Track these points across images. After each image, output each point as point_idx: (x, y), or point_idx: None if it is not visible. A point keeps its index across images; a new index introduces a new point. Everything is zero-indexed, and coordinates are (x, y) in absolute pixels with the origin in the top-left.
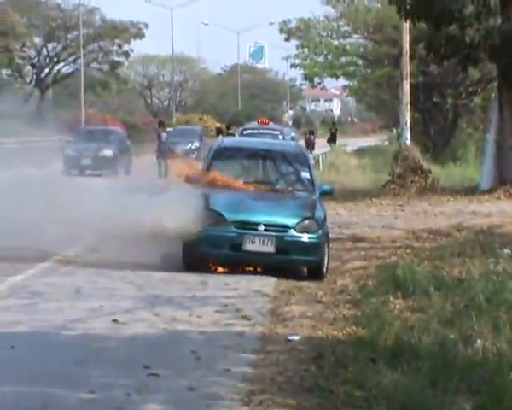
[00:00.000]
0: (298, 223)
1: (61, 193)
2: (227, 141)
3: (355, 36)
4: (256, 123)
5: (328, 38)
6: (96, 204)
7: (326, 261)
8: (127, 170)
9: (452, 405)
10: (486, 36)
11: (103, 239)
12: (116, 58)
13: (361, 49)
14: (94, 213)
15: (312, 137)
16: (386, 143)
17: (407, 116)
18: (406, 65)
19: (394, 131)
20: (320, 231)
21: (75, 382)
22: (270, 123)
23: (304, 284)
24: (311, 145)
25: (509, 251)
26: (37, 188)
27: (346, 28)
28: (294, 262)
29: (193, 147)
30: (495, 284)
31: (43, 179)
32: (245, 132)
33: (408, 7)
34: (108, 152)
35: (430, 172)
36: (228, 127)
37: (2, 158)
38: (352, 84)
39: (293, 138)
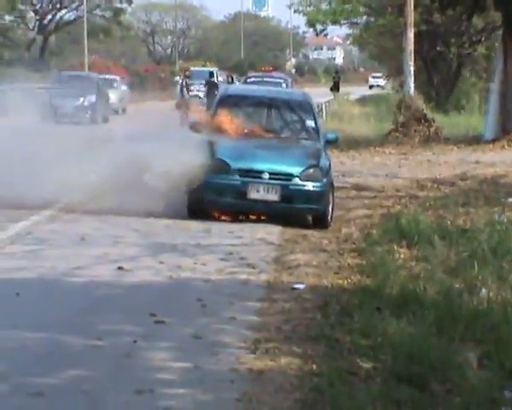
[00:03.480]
0: (302, 171)
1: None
2: (232, 89)
3: None
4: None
5: None
6: (100, 152)
7: (330, 210)
8: None
9: (458, 354)
10: None
11: (107, 187)
12: (119, 5)
13: None
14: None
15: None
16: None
17: (411, 65)
18: (410, 13)
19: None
20: (325, 180)
21: (81, 329)
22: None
23: (308, 232)
24: None
25: None
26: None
27: None
28: (299, 211)
29: (86, 103)
30: (499, 233)
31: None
32: (249, 80)
33: None
34: None
35: (434, 121)
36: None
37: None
38: (355, 32)
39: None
